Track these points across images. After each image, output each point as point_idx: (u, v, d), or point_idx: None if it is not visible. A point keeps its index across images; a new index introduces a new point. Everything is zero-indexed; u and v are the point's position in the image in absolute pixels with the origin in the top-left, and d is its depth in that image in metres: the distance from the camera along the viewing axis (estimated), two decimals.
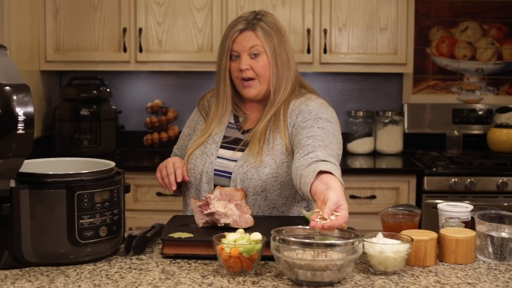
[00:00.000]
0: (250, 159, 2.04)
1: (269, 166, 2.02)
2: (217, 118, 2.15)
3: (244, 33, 2.09)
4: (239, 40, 2.08)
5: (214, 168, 2.08)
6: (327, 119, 2.02)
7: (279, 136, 2.06)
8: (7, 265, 1.61)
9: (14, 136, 1.46)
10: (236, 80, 2.11)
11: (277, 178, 2.02)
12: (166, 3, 3.73)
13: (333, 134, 1.98)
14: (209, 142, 2.12)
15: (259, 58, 2.08)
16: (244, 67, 2.07)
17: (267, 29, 2.09)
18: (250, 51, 2.08)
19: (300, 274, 1.49)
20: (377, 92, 4.16)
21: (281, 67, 2.10)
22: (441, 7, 4.11)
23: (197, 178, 2.10)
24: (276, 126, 2.07)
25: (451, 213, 1.86)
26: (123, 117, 4.05)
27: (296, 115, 2.06)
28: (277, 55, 2.09)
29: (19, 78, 1.50)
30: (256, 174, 2.02)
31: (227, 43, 2.09)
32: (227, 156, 2.10)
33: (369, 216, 3.43)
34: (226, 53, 2.09)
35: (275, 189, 2.03)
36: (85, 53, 3.75)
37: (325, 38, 3.74)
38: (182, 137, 2.30)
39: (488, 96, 4.17)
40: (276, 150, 2.04)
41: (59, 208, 1.61)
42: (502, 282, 1.56)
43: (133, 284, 1.52)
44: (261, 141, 2.06)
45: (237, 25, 2.10)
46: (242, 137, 2.12)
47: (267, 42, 2.08)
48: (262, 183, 2.02)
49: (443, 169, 3.52)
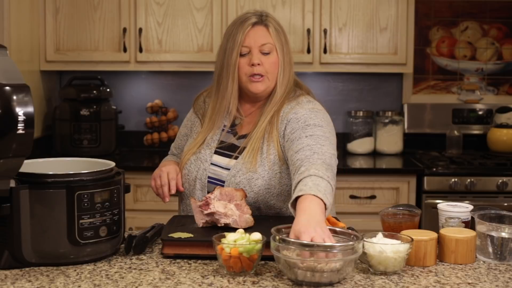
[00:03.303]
0: (243, 169, 2.00)
1: (262, 178, 1.99)
2: (217, 117, 2.11)
3: (257, 27, 2.06)
4: (252, 35, 2.05)
5: (208, 176, 2.06)
6: (316, 124, 1.97)
7: (272, 145, 2.03)
8: (7, 265, 1.61)
9: (14, 136, 1.47)
10: (244, 76, 2.06)
11: (269, 190, 2.00)
12: (166, 3, 3.73)
13: (324, 137, 1.93)
14: (203, 147, 2.10)
15: (270, 56, 2.06)
16: (257, 61, 2.03)
17: (277, 27, 2.09)
18: (262, 48, 2.05)
19: (299, 274, 1.49)
20: (377, 92, 4.16)
21: (287, 67, 2.09)
22: (441, 7, 4.11)
23: (191, 185, 2.08)
24: (271, 136, 2.04)
25: (451, 213, 1.86)
26: (123, 117, 4.05)
27: (284, 125, 2.02)
28: (284, 55, 2.08)
29: (19, 78, 1.50)
30: (248, 186, 1.99)
31: (239, 38, 2.04)
32: (223, 164, 2.07)
33: (369, 216, 3.43)
34: (237, 47, 2.04)
35: (267, 201, 2.01)
36: (85, 53, 3.75)
37: (325, 38, 3.74)
38: (179, 137, 2.28)
39: (488, 96, 4.17)
40: (269, 161, 2.01)
41: (59, 208, 1.61)
42: (502, 282, 1.56)
43: (133, 284, 1.52)
44: (254, 150, 2.02)
45: (249, 19, 2.06)
46: (237, 143, 2.09)
47: (278, 40, 2.07)
48: (254, 194, 1.99)
49: (443, 169, 3.52)
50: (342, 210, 3.43)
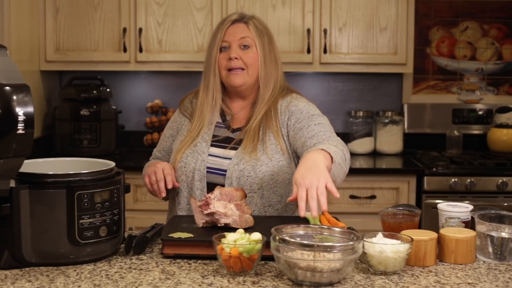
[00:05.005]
0: (246, 157, 2.06)
1: (266, 164, 2.05)
2: (207, 110, 2.15)
3: (236, 24, 2.14)
4: (231, 30, 2.13)
5: (207, 166, 2.09)
6: (319, 114, 2.10)
7: (272, 136, 2.09)
8: (7, 265, 1.61)
9: (14, 136, 1.46)
10: (224, 71, 2.13)
11: (273, 176, 2.05)
12: (166, 3, 3.73)
13: (329, 125, 2.06)
14: (199, 140, 2.13)
15: (249, 50, 2.12)
16: (233, 55, 2.10)
17: (259, 26, 2.16)
18: (241, 42, 2.12)
19: (299, 274, 1.49)
20: (377, 92, 4.16)
21: (270, 64, 2.14)
22: (441, 7, 4.11)
23: (189, 176, 2.10)
24: (269, 126, 2.11)
25: (451, 213, 1.86)
26: (123, 117, 4.05)
27: (287, 117, 2.10)
28: (266, 52, 2.13)
29: (19, 78, 1.50)
30: (253, 171, 2.04)
31: (218, 35, 2.13)
32: (219, 154, 2.11)
33: (369, 216, 3.43)
34: (217, 44, 2.13)
35: (271, 187, 2.06)
36: (85, 53, 3.75)
37: (325, 38, 3.74)
38: (164, 139, 2.29)
39: (488, 96, 4.17)
40: (270, 149, 2.07)
41: (59, 208, 1.61)
42: (502, 282, 1.56)
43: (133, 284, 1.52)
44: (255, 140, 2.08)
45: (229, 17, 2.16)
46: (232, 135, 2.14)
47: (258, 37, 2.13)
48: (259, 180, 2.04)
49: (443, 169, 3.53)
50: (342, 210, 3.44)
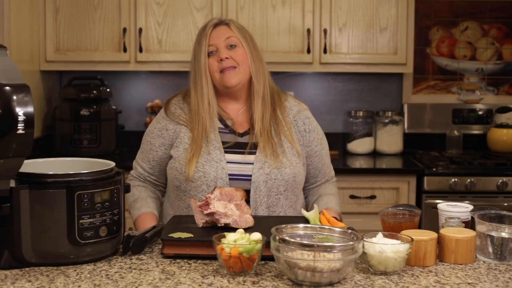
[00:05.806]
0: (269, 161, 2.09)
1: (288, 167, 2.10)
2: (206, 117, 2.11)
3: (218, 27, 2.16)
4: (214, 34, 2.14)
5: (228, 173, 2.08)
6: (323, 133, 2.26)
7: (286, 140, 2.14)
8: (7, 265, 1.61)
9: (14, 136, 1.46)
10: (216, 74, 2.12)
11: (295, 178, 2.12)
12: (166, 3, 3.73)
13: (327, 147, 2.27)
14: (211, 148, 2.10)
15: (237, 49, 2.14)
16: (224, 56, 2.11)
17: (239, 26, 2.20)
18: (227, 42, 2.13)
19: (299, 274, 1.49)
20: (377, 92, 4.16)
21: (257, 60, 2.16)
22: (441, 7, 4.11)
23: (210, 186, 2.07)
24: (280, 130, 2.14)
25: (451, 213, 1.86)
26: (123, 117, 4.05)
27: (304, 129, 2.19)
28: (251, 49, 2.16)
29: (19, 78, 1.50)
30: (280, 174, 2.09)
31: (203, 41, 2.13)
32: (238, 160, 2.10)
33: (369, 216, 3.43)
34: (204, 49, 2.12)
35: (292, 188, 2.12)
36: (85, 53, 3.75)
37: (325, 38, 3.74)
38: (153, 149, 2.18)
39: (488, 96, 4.17)
40: (287, 152, 2.12)
41: (59, 208, 1.61)
42: (502, 282, 1.56)
43: (133, 284, 1.52)
44: (270, 143, 2.11)
45: (209, 22, 2.18)
46: (242, 140, 2.14)
47: (241, 35, 2.16)
48: (285, 182, 2.09)
49: (443, 169, 3.53)
50: (342, 210, 3.43)
